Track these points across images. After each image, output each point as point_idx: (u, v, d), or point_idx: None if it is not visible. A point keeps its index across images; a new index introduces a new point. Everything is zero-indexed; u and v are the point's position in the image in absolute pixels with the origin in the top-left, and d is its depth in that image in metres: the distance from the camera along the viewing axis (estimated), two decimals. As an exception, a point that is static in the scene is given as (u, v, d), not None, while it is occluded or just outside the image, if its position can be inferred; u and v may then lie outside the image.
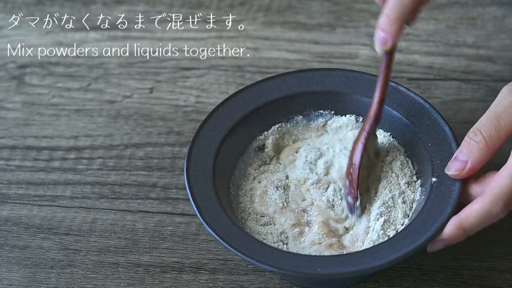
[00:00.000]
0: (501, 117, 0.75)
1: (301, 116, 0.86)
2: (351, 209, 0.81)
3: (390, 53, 0.78)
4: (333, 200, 0.81)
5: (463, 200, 0.77)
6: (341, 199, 0.81)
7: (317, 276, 0.74)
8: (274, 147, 0.86)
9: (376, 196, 0.81)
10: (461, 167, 0.76)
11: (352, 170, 0.80)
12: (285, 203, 0.82)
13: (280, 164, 0.85)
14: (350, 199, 0.80)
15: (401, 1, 0.75)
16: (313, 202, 0.82)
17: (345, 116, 0.86)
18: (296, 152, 0.86)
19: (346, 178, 0.81)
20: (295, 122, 0.86)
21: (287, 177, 0.84)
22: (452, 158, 0.77)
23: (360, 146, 0.80)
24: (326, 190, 0.82)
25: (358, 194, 0.80)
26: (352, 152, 0.80)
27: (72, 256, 0.84)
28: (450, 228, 0.74)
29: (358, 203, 0.80)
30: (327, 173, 0.83)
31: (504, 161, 0.86)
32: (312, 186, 0.82)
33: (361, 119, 0.86)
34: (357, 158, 0.80)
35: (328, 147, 0.85)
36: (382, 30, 0.76)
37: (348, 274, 0.73)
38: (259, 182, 0.84)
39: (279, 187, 0.83)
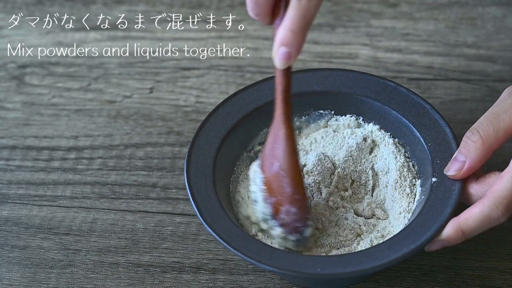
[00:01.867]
0: (500, 117, 0.75)
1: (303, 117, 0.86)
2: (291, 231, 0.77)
3: (290, 68, 0.74)
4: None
5: (463, 200, 0.77)
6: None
7: (317, 276, 0.74)
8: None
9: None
10: (459, 167, 0.76)
11: (294, 194, 0.76)
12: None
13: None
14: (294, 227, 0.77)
15: (307, 14, 0.71)
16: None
17: (345, 116, 0.86)
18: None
19: (286, 204, 0.76)
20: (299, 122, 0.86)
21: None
22: (451, 159, 0.77)
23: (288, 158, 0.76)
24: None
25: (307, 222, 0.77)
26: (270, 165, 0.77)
27: (72, 256, 0.84)
28: (449, 230, 0.74)
29: (308, 231, 0.77)
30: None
31: (504, 161, 0.86)
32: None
33: (360, 119, 0.86)
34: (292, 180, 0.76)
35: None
36: (286, 45, 0.71)
37: (348, 274, 0.73)
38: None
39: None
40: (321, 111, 0.86)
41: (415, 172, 0.82)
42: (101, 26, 1.04)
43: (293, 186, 0.76)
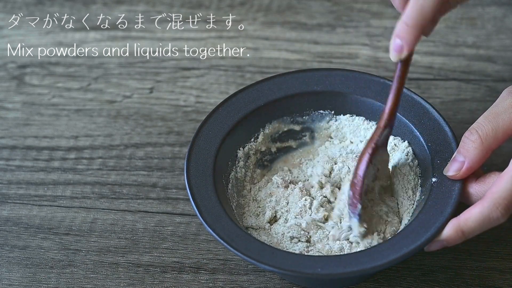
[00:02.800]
0: (499, 117, 0.75)
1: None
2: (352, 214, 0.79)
3: (405, 62, 0.76)
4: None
5: (463, 200, 0.77)
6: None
7: (317, 276, 0.74)
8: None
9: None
10: (458, 167, 0.76)
11: (356, 181, 0.77)
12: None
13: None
14: (352, 209, 0.78)
15: (422, 10, 0.73)
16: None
17: (345, 115, 0.86)
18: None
19: (350, 189, 0.78)
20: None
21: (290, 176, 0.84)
22: (450, 160, 0.77)
23: (366, 158, 0.77)
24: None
25: (360, 205, 0.77)
26: (358, 163, 0.77)
27: (72, 256, 0.84)
28: (449, 230, 0.74)
29: (358, 210, 0.78)
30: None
31: (504, 161, 0.86)
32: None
33: (358, 119, 0.86)
34: (362, 170, 0.77)
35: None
36: (399, 37, 0.73)
37: (348, 274, 0.73)
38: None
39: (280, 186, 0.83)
40: (321, 111, 0.86)
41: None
42: (101, 26, 1.04)
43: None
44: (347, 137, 0.86)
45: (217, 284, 0.81)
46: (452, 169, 0.77)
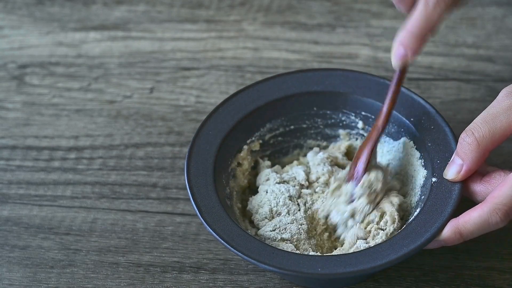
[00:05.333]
0: (497, 119, 0.75)
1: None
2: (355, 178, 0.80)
3: (405, 68, 0.77)
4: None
5: (469, 197, 0.77)
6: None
7: (317, 276, 0.74)
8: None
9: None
10: (457, 170, 0.76)
11: (358, 163, 0.79)
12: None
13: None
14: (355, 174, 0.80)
15: (428, 17, 0.73)
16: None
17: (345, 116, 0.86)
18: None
19: (351, 168, 0.80)
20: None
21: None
22: (449, 162, 0.77)
23: (366, 153, 0.79)
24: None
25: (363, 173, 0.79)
26: (357, 158, 0.80)
27: (72, 256, 0.84)
28: (448, 231, 0.74)
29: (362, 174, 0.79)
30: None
31: (504, 161, 0.86)
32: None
33: (354, 118, 0.86)
34: (363, 163, 0.79)
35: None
36: (403, 45, 0.73)
37: (348, 274, 0.73)
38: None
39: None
40: (321, 111, 0.86)
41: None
42: (101, 26, 1.04)
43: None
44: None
45: (217, 284, 0.81)
46: (451, 172, 0.77)
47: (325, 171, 0.83)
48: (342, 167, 0.84)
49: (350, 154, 0.86)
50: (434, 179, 0.78)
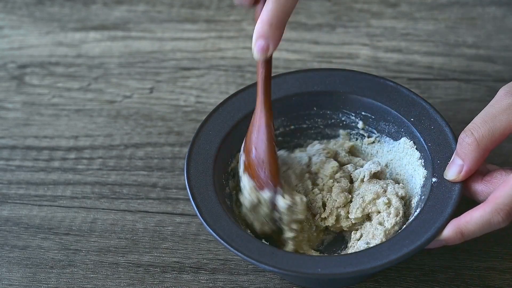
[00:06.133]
0: (496, 118, 0.75)
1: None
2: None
3: (269, 59, 0.77)
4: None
5: (470, 196, 0.77)
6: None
7: (317, 276, 0.74)
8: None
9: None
10: (458, 170, 0.76)
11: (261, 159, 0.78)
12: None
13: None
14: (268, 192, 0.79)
15: (283, 7, 0.73)
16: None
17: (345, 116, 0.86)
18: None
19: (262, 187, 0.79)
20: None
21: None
22: (449, 163, 0.77)
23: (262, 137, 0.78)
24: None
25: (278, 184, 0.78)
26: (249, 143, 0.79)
27: (72, 256, 0.84)
28: (449, 231, 0.74)
29: (279, 193, 0.78)
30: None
31: (504, 161, 0.86)
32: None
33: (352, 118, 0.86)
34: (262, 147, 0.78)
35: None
36: (263, 37, 0.74)
37: (348, 274, 0.73)
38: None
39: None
40: (321, 111, 0.86)
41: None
42: (101, 26, 1.04)
43: (269, 172, 0.78)
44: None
45: (217, 284, 0.81)
46: (452, 173, 0.77)
47: (318, 160, 0.83)
48: (341, 163, 0.84)
49: (352, 154, 0.86)
50: (434, 179, 0.78)
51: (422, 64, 0.98)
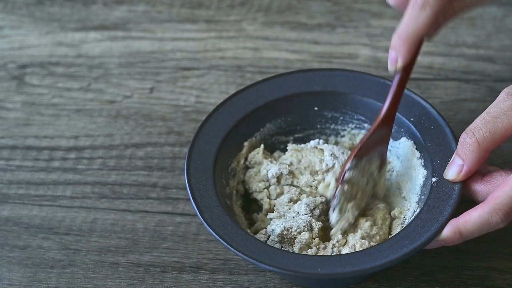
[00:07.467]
0: (498, 119, 0.75)
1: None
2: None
3: (404, 71, 0.77)
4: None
5: (470, 196, 0.77)
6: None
7: (317, 276, 0.74)
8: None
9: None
10: (458, 170, 0.76)
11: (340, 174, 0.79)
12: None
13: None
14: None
15: (415, 21, 0.74)
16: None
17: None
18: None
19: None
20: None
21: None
22: (449, 163, 0.77)
23: (350, 156, 0.79)
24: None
25: (336, 195, 0.79)
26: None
27: (72, 256, 0.84)
28: (448, 231, 0.74)
29: (335, 202, 0.79)
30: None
31: (504, 161, 0.86)
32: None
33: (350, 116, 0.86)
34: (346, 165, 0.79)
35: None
36: (394, 49, 0.75)
37: (348, 274, 0.73)
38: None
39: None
40: (321, 111, 0.86)
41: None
42: (101, 26, 1.04)
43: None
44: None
45: (217, 284, 0.81)
46: (452, 173, 0.77)
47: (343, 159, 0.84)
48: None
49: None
50: (434, 179, 0.78)
51: (422, 64, 0.98)
